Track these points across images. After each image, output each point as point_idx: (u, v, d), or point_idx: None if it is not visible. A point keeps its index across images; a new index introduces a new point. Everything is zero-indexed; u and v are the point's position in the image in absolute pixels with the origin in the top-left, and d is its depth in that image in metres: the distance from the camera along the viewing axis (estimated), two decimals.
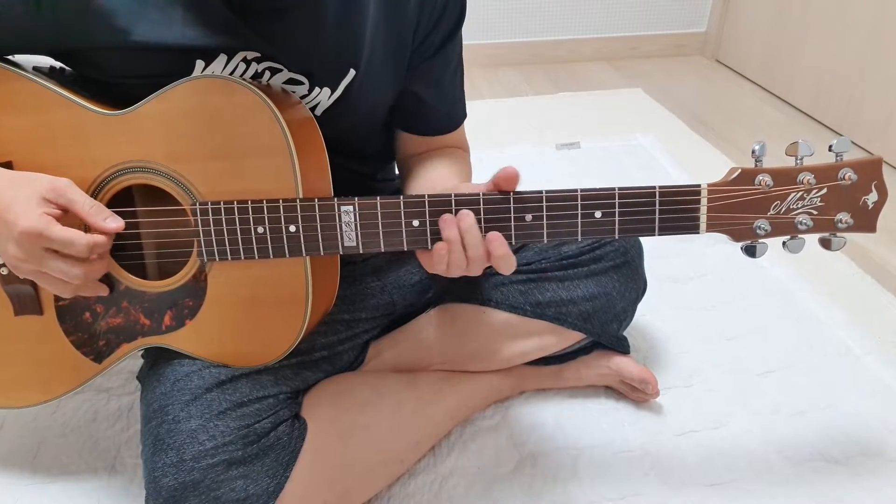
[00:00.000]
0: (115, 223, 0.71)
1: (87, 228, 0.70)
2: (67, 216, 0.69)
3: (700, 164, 1.77)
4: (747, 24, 2.44)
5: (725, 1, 2.53)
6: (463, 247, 0.70)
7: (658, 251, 1.37)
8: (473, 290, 0.99)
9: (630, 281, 1.00)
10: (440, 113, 0.93)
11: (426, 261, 0.74)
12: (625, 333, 1.07)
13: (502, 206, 0.70)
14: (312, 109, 0.80)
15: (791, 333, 1.22)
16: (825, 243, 0.72)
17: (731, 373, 1.13)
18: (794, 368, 1.14)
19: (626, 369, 1.04)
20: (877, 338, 1.21)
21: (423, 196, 0.70)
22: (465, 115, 0.96)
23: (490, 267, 0.73)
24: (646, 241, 1.04)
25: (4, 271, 0.77)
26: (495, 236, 0.70)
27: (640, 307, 1.06)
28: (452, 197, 0.70)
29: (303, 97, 0.79)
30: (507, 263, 0.71)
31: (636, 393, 1.06)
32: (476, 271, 0.72)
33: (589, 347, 1.05)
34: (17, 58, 0.76)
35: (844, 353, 1.17)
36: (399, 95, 0.89)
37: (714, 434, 1.02)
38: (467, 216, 0.69)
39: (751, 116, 2.17)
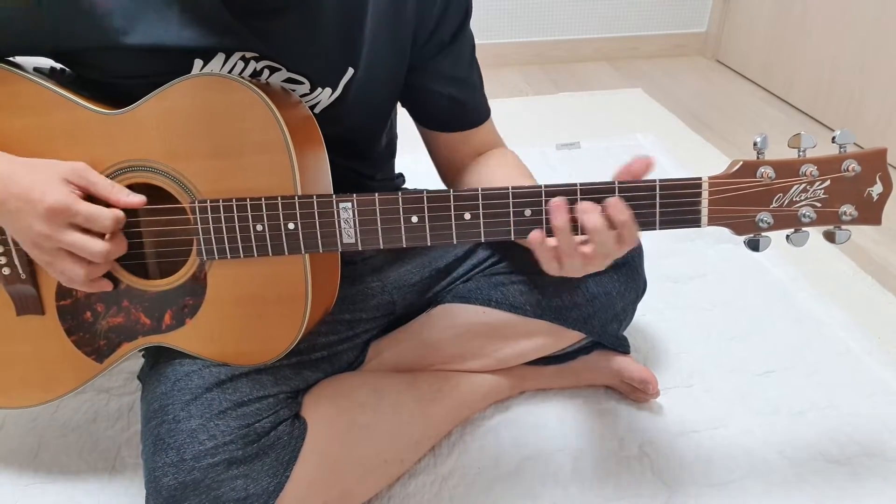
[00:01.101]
0: (137, 198, 0.72)
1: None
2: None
3: (700, 164, 1.77)
4: (747, 24, 2.44)
5: (725, 1, 2.53)
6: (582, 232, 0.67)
7: (658, 251, 1.37)
8: (473, 289, 0.99)
9: (630, 281, 1.00)
10: (464, 106, 0.93)
11: (544, 262, 0.71)
12: (625, 333, 1.07)
13: (501, 200, 0.70)
14: (312, 108, 0.80)
15: (791, 333, 1.22)
16: (829, 236, 0.71)
17: (732, 373, 1.13)
18: (795, 368, 1.14)
19: (626, 369, 1.04)
20: (877, 338, 1.21)
21: (421, 192, 0.70)
22: (489, 109, 0.97)
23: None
24: (646, 242, 1.04)
25: (6, 271, 0.77)
26: (615, 201, 0.66)
27: (640, 307, 1.06)
28: (451, 193, 0.70)
29: (303, 96, 0.79)
30: (630, 232, 0.67)
31: (636, 393, 1.06)
32: (604, 257, 0.68)
33: (589, 347, 1.05)
34: (19, 59, 0.76)
35: (845, 353, 1.17)
36: (421, 94, 0.89)
37: (714, 434, 1.02)
38: (593, 208, 0.67)
39: (751, 116, 2.17)
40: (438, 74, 0.88)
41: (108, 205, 0.71)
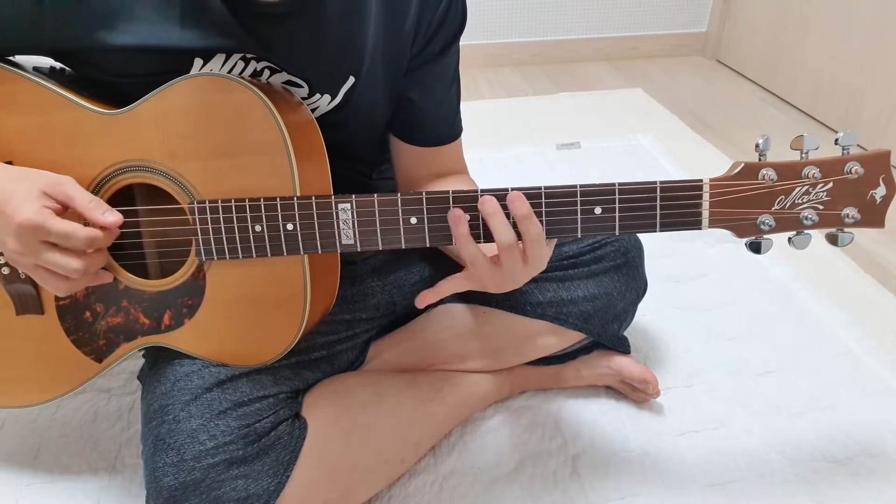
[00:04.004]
0: (112, 217, 0.70)
1: (85, 224, 0.70)
2: (66, 213, 0.69)
3: (700, 165, 1.77)
4: (747, 24, 2.44)
5: (725, 1, 2.53)
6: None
7: (659, 251, 1.37)
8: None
9: (631, 281, 1.00)
10: (438, 121, 0.91)
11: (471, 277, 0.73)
12: (625, 333, 1.07)
13: (500, 202, 0.69)
14: (311, 112, 0.80)
15: (791, 333, 1.22)
16: (832, 239, 0.70)
17: (732, 373, 1.13)
18: (795, 368, 1.14)
19: (626, 369, 1.04)
20: (877, 338, 1.21)
21: (420, 193, 0.70)
22: (461, 129, 0.95)
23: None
24: (646, 241, 1.04)
25: (6, 271, 0.77)
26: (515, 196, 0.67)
27: (641, 307, 1.06)
28: (450, 194, 0.70)
29: (302, 99, 0.79)
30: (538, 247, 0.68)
31: (636, 393, 1.06)
32: (518, 275, 0.70)
33: (589, 347, 1.05)
34: (18, 58, 0.76)
35: (845, 353, 1.17)
36: (397, 102, 0.88)
37: (714, 434, 1.02)
38: (489, 201, 0.68)
39: (751, 116, 2.17)
40: (419, 84, 0.86)
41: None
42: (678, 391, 1.09)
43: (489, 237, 0.70)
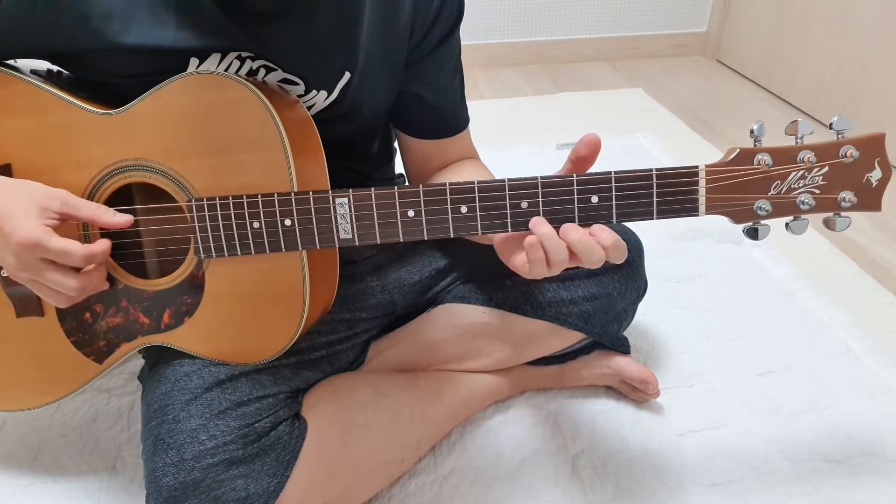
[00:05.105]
0: (123, 218, 0.71)
1: (85, 237, 0.70)
2: (65, 226, 0.70)
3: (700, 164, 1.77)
4: (747, 24, 2.44)
5: (725, 1, 2.53)
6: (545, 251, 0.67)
7: (658, 251, 1.37)
8: (474, 289, 0.99)
9: (630, 281, 1.00)
10: (443, 113, 0.91)
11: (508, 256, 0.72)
12: (625, 333, 1.07)
13: (498, 192, 0.69)
14: (308, 109, 0.80)
15: (792, 333, 1.22)
16: (829, 223, 0.70)
17: (732, 373, 1.13)
18: (795, 368, 1.14)
19: (626, 369, 1.04)
20: (877, 338, 1.21)
21: (417, 186, 0.70)
22: (468, 118, 0.95)
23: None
24: (646, 242, 1.04)
25: (6, 273, 0.77)
26: (599, 228, 0.67)
27: (641, 307, 1.06)
28: (447, 186, 0.69)
29: (299, 96, 0.79)
30: (617, 252, 0.67)
31: (636, 393, 1.05)
32: (556, 271, 0.69)
33: (589, 347, 1.05)
34: (15, 62, 0.76)
35: (845, 353, 1.17)
36: (400, 97, 0.88)
37: (715, 434, 1.02)
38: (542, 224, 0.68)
39: (751, 116, 2.17)
40: (421, 78, 0.86)
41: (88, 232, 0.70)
42: (678, 391, 1.09)
43: (488, 228, 0.70)
